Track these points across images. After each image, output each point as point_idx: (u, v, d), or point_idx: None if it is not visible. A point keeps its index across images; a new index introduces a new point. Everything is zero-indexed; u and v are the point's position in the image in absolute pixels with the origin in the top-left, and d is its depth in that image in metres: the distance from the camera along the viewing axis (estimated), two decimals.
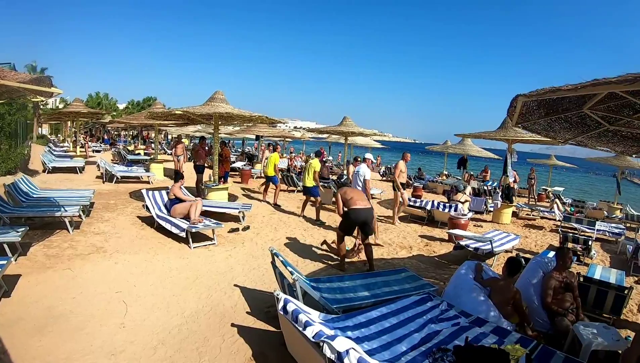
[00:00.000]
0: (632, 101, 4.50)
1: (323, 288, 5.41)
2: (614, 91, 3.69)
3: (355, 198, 7.60)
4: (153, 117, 15.58)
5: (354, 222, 7.57)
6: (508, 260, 5.59)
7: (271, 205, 13.26)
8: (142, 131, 42.00)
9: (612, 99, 4.71)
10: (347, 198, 7.59)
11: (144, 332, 4.69)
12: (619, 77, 2.82)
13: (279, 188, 13.84)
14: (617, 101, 4.75)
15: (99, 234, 8.27)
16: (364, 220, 7.51)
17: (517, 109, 4.35)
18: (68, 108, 23.96)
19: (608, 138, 6.27)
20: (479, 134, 15.55)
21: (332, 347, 2.99)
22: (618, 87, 3.10)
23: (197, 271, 6.77)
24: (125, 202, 11.78)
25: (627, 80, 2.79)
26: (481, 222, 13.87)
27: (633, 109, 5.00)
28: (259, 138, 25.97)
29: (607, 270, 7.72)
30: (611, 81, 2.91)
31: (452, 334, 4.34)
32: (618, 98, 4.59)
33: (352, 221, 7.56)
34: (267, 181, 14.08)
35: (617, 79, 2.85)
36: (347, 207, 7.57)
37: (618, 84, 2.96)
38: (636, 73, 2.72)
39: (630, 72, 2.80)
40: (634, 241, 10.57)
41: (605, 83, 2.99)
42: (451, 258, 8.97)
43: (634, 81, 2.77)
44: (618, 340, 4.65)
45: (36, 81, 6.91)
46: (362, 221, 7.53)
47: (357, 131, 16.69)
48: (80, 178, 16.41)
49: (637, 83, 2.81)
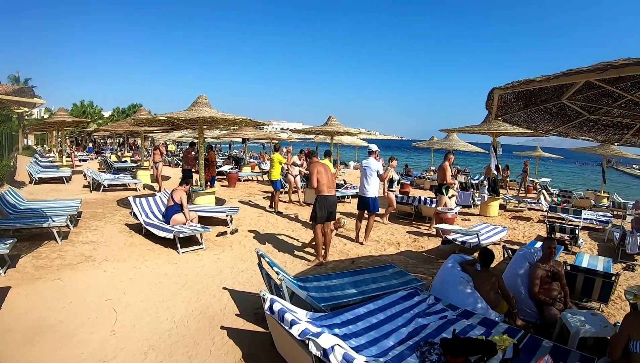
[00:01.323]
0: (611, 90, 4.60)
1: (310, 287, 5.45)
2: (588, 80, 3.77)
3: (326, 184, 7.73)
4: (138, 124, 15.57)
5: (325, 208, 7.69)
6: (479, 252, 5.71)
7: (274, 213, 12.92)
8: (129, 138, 41.82)
9: (590, 89, 4.79)
10: (321, 182, 7.70)
11: (135, 338, 4.70)
12: (590, 67, 2.85)
13: (278, 194, 13.32)
14: (596, 91, 4.84)
15: (87, 243, 8.25)
16: (332, 207, 7.77)
17: (494, 102, 4.41)
18: (53, 118, 23.81)
19: (589, 128, 6.36)
20: (463, 129, 15.65)
21: (317, 344, 3.03)
22: (590, 76, 3.15)
23: (186, 276, 6.78)
24: (112, 210, 11.75)
25: (598, 69, 2.81)
26: (469, 216, 13.94)
27: (612, 98, 5.10)
28: (245, 141, 25.98)
29: (594, 257, 7.81)
30: (583, 70, 2.94)
31: (439, 327, 4.38)
32: (596, 88, 4.67)
33: (323, 207, 7.68)
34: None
35: (588, 68, 2.87)
36: (317, 193, 7.71)
37: (589, 73, 2.99)
38: (607, 62, 2.74)
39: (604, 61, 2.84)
40: (621, 228, 10.70)
41: (577, 73, 3.01)
42: (439, 252, 9.03)
43: (604, 69, 2.79)
44: (606, 326, 4.72)
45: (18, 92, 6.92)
46: (330, 208, 7.73)
47: (342, 130, 16.76)
48: (67, 187, 16.32)
49: (608, 72, 2.83)
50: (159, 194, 10.35)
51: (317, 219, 7.65)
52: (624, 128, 6.26)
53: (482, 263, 5.58)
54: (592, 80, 3.78)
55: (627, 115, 5.50)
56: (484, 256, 5.59)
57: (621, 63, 2.62)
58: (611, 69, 2.75)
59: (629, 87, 4.69)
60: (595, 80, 3.84)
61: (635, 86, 4.68)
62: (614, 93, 4.84)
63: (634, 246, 9.27)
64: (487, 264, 5.56)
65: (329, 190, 7.72)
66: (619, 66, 2.68)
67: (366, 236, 9.57)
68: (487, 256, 5.59)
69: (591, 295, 6.27)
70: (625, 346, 3.47)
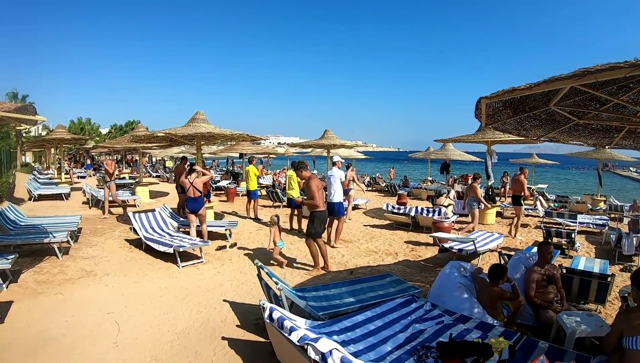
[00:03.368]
0: (597, 95, 4.71)
1: (309, 297, 5.50)
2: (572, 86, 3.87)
3: (323, 198, 8.00)
4: (136, 140, 15.66)
5: (323, 222, 7.95)
6: (490, 267, 5.71)
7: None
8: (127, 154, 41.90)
9: (577, 94, 4.89)
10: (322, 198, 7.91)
11: (137, 350, 4.76)
12: (570, 74, 2.96)
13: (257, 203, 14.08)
14: (583, 96, 4.94)
15: (88, 258, 8.31)
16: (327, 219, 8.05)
17: (482, 111, 4.52)
18: (51, 135, 23.91)
19: (579, 132, 6.47)
20: (458, 138, 15.80)
21: (315, 349, 3.10)
22: (569, 82, 3.24)
23: (186, 289, 6.84)
24: (112, 226, 11.81)
25: (576, 75, 2.91)
26: (466, 224, 14.01)
27: (599, 102, 5.21)
28: (242, 156, 26.07)
29: (590, 260, 7.90)
30: (562, 77, 3.05)
31: (436, 332, 4.45)
32: (582, 93, 4.78)
33: (322, 221, 7.90)
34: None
35: (567, 75, 2.99)
36: (316, 208, 7.83)
37: (569, 80, 3.09)
38: (585, 68, 2.84)
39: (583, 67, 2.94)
40: (617, 230, 10.79)
41: (557, 80, 3.12)
42: (436, 261, 9.12)
43: (582, 75, 2.90)
44: (602, 325, 4.78)
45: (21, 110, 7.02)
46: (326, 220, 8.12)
47: (338, 143, 16.86)
48: (67, 204, 16.39)
49: (586, 77, 2.93)
50: (159, 210, 10.42)
51: (317, 234, 7.87)
52: (614, 131, 6.36)
53: (489, 277, 5.50)
54: (576, 86, 3.87)
55: (616, 118, 5.60)
56: (491, 271, 5.51)
57: (597, 69, 2.73)
58: (588, 75, 2.87)
59: (615, 90, 4.79)
60: (579, 85, 3.94)
61: (621, 89, 4.79)
62: (600, 97, 4.94)
63: (631, 247, 9.37)
64: (494, 279, 5.42)
65: (323, 204, 7.91)
66: (595, 72, 2.79)
67: (336, 239, 10.34)
68: (493, 271, 5.47)
69: (588, 297, 6.34)
70: (619, 342, 3.53)
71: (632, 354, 3.37)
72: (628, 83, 4.57)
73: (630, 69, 2.68)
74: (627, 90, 4.77)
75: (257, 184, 13.76)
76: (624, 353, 3.48)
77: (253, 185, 13.48)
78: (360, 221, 14.31)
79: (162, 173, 34.11)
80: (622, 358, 3.51)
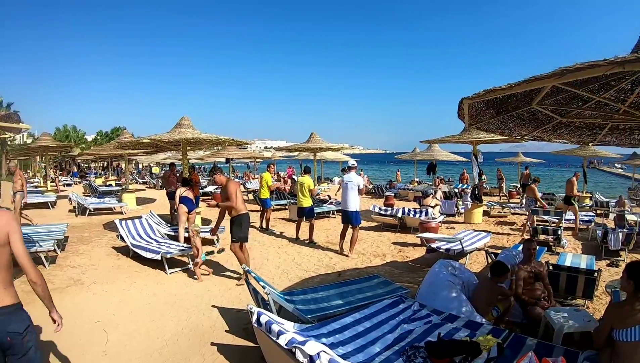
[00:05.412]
0: (579, 93, 4.77)
1: (297, 300, 5.52)
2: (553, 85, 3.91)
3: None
4: (122, 147, 15.57)
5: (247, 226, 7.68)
6: (494, 263, 5.75)
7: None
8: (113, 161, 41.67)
9: (559, 93, 4.95)
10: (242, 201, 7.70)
11: (126, 358, 4.72)
12: (549, 73, 2.99)
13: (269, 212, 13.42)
14: (565, 94, 5.00)
15: (75, 267, 8.24)
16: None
17: (465, 111, 4.55)
18: (36, 143, 23.70)
19: (562, 130, 6.54)
20: (443, 139, 15.92)
21: (303, 352, 3.09)
22: (550, 81, 3.29)
23: (174, 295, 6.81)
24: (99, 234, 11.72)
25: (556, 74, 2.95)
26: (453, 224, 14.13)
27: (581, 100, 5.28)
28: (229, 160, 26.02)
29: (577, 256, 7.97)
30: (542, 76, 3.08)
31: (424, 332, 4.48)
32: (565, 91, 4.84)
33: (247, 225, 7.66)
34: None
35: (547, 74, 3.01)
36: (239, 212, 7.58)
37: (549, 79, 3.13)
38: (564, 67, 2.87)
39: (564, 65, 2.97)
40: (603, 225, 10.90)
41: (537, 79, 3.15)
42: (424, 261, 9.16)
43: (562, 74, 2.94)
44: (589, 320, 4.85)
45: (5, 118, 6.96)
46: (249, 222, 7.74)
47: (325, 146, 16.89)
48: (53, 212, 16.23)
49: (566, 76, 2.97)
50: (145, 216, 10.38)
51: (244, 238, 7.66)
52: (597, 128, 6.45)
53: (492, 273, 5.56)
54: (558, 84, 3.92)
55: (598, 116, 5.68)
56: (495, 267, 5.57)
57: (577, 67, 2.76)
58: (568, 74, 2.90)
59: (596, 89, 4.87)
60: (561, 84, 3.98)
61: (603, 87, 4.86)
62: (582, 96, 5.01)
63: (617, 242, 9.48)
64: (495, 274, 5.49)
65: (245, 207, 7.68)
66: (574, 70, 2.82)
67: (351, 249, 9.71)
68: (498, 267, 5.54)
69: (575, 293, 6.40)
70: (609, 336, 3.57)
71: (623, 346, 3.41)
72: (609, 81, 4.64)
73: (609, 67, 2.72)
74: (609, 88, 4.85)
75: (268, 193, 13.10)
76: (614, 347, 3.52)
77: (265, 193, 12.89)
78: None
79: (148, 180, 33.93)
80: (612, 352, 3.55)
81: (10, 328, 2.95)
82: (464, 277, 5.89)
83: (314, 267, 8.66)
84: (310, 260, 9.26)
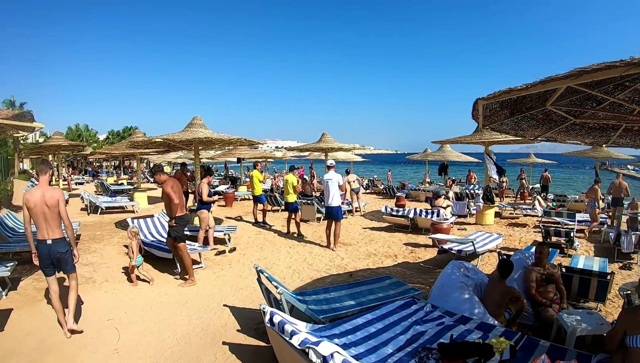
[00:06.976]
0: (594, 94, 4.73)
1: (309, 300, 5.52)
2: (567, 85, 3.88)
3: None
4: (134, 146, 15.64)
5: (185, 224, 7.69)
6: (500, 262, 5.73)
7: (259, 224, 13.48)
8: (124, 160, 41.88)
9: (573, 94, 4.92)
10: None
11: (137, 356, 4.75)
12: (565, 74, 2.97)
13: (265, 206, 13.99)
14: (579, 95, 4.97)
15: (87, 265, 8.28)
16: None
17: (480, 112, 4.53)
18: (49, 142, 23.79)
19: (576, 131, 6.50)
20: (455, 140, 15.84)
21: (317, 352, 3.09)
22: (565, 82, 3.26)
23: (186, 294, 6.84)
24: (111, 232, 11.79)
25: (572, 75, 2.93)
26: (465, 225, 14.07)
27: (595, 101, 5.24)
28: (240, 160, 26.07)
29: (589, 259, 7.90)
30: (559, 77, 3.06)
31: (436, 333, 4.45)
32: (579, 92, 4.81)
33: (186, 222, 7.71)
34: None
35: (563, 75, 3.00)
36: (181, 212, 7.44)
37: (565, 80, 3.11)
38: (581, 68, 2.85)
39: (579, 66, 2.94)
40: (615, 228, 10.80)
41: (553, 80, 3.13)
42: (436, 262, 9.12)
43: (578, 75, 2.92)
44: (602, 324, 4.81)
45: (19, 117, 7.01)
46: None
47: (336, 147, 16.87)
48: None
49: (582, 77, 2.95)
50: (157, 215, 10.41)
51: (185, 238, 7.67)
52: (610, 130, 6.40)
53: (501, 273, 5.55)
54: (572, 85, 3.88)
55: (612, 117, 5.63)
56: (500, 266, 5.58)
57: (593, 68, 2.74)
58: (584, 75, 2.87)
59: (611, 90, 4.82)
60: (576, 85, 3.95)
61: (617, 88, 4.82)
62: (597, 96, 4.97)
63: (630, 245, 9.38)
64: (503, 275, 5.49)
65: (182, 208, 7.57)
66: (591, 71, 2.80)
67: (335, 242, 10.29)
68: (502, 267, 5.54)
69: (588, 295, 6.34)
70: (622, 340, 3.54)
71: (636, 352, 3.39)
72: (624, 82, 4.59)
73: (626, 68, 2.69)
74: (623, 88, 4.80)
75: (261, 189, 13.65)
76: (627, 352, 3.49)
77: (257, 190, 13.35)
78: (359, 224, 14.33)
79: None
80: (625, 356, 3.52)
81: (59, 249, 5.21)
82: (477, 279, 5.86)
83: (325, 267, 8.65)
84: (321, 260, 9.25)
